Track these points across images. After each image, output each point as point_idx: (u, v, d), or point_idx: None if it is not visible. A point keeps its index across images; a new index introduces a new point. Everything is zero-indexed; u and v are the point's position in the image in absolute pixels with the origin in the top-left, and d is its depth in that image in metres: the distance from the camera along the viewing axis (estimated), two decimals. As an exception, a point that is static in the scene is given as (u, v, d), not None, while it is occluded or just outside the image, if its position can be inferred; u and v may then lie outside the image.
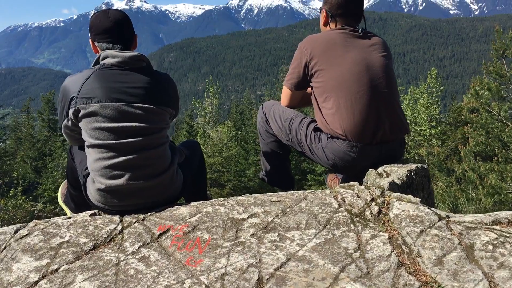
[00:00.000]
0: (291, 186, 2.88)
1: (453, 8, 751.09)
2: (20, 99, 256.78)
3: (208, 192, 2.82)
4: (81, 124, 2.06)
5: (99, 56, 2.13)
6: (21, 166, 29.07)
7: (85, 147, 2.10)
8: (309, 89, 2.60)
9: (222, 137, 27.35)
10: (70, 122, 2.11)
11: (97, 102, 2.00)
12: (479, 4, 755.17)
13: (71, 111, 2.05)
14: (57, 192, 2.80)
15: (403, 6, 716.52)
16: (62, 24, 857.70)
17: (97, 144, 2.01)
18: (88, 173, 2.10)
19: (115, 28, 2.17)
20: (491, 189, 7.09)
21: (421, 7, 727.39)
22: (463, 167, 8.09)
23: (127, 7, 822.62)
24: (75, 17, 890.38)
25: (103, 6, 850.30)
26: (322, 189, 2.16)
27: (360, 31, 2.48)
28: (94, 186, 2.04)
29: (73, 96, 2.04)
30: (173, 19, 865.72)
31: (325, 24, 2.62)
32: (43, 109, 38.36)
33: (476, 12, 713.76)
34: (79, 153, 2.27)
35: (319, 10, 2.67)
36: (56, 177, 23.53)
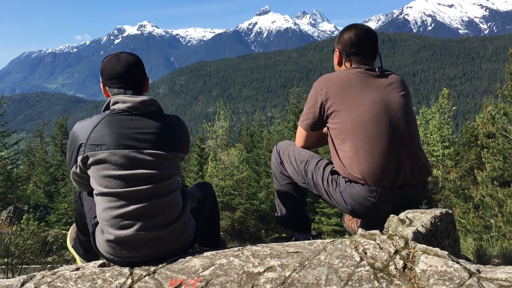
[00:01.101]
0: (308, 229, 2.77)
1: (462, 28, 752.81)
2: (33, 124, 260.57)
3: (221, 234, 2.72)
4: (89, 172, 2.00)
5: (109, 101, 2.09)
6: (34, 191, 29.27)
7: (94, 195, 2.03)
8: (324, 129, 2.52)
9: (233, 160, 27.26)
10: (78, 169, 2.05)
11: (106, 149, 1.94)
12: (489, 24, 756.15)
13: (79, 158, 2.00)
14: (67, 233, 2.72)
15: (412, 27, 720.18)
16: (75, 49, 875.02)
17: (106, 192, 1.94)
18: (97, 222, 2.03)
19: (127, 73, 2.13)
20: (511, 217, 6.89)
21: (430, 28, 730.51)
22: (480, 193, 7.90)
23: (138, 32, 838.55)
24: (88, 42, 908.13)
25: (115, 31, 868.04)
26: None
27: (377, 69, 2.41)
28: (103, 237, 1.96)
29: (82, 143, 1.98)
30: (184, 43, 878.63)
31: (339, 64, 2.55)
32: (56, 134, 38.81)
33: (486, 32, 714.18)
34: (88, 199, 2.20)
35: (332, 49, 2.61)
36: (68, 202, 23.61)
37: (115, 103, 2.06)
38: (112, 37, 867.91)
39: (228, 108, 29.88)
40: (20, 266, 10.80)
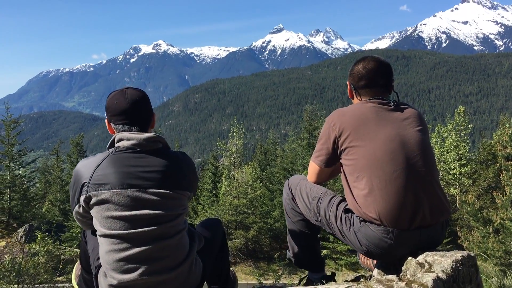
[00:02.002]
0: (321, 268, 2.65)
1: (478, 44, 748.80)
2: (50, 141, 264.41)
3: (231, 271, 2.62)
4: (92, 212, 1.93)
5: (114, 139, 2.03)
6: (50, 209, 29.48)
7: (97, 235, 1.95)
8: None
9: (247, 178, 27.14)
10: (81, 209, 1.99)
11: (109, 189, 1.87)
12: (504, 40, 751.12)
13: (82, 197, 1.93)
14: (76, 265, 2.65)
15: (426, 44, 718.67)
16: (91, 68, 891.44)
17: (109, 234, 1.87)
18: (100, 265, 1.95)
19: (132, 109, 2.07)
20: (533, 243, 6.66)
21: (444, 44, 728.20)
22: (500, 216, 7.66)
23: (154, 51, 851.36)
24: (104, 61, 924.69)
25: (131, 50, 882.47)
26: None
27: (391, 103, 2.32)
28: (106, 281, 1.88)
29: (85, 182, 1.92)
30: (198, 61, 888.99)
31: (352, 97, 2.50)
32: (72, 152, 39.20)
33: (501, 48, 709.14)
34: (92, 238, 2.13)
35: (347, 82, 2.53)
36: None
37: (119, 140, 2.00)
38: (128, 56, 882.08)
39: (241, 127, 29.92)
40: (32, 286, 10.79)
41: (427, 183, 2.16)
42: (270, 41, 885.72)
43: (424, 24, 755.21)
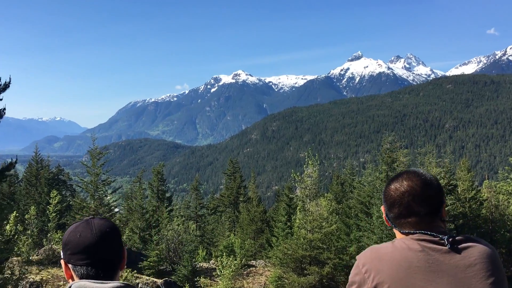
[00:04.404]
0: None
1: None
2: (136, 168, 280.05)
3: None
4: None
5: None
6: (130, 236, 30.65)
7: None
8: None
9: (321, 212, 26.40)
10: None
11: None
12: None
13: None
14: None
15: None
16: (175, 98, 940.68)
17: None
18: None
19: (100, 245, 1.69)
20: None
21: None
22: None
23: (233, 80, 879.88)
24: (186, 91, 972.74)
25: (212, 80, 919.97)
26: None
27: (446, 241, 1.74)
28: None
29: None
30: (276, 90, 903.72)
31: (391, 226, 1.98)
32: (153, 180, 40.96)
33: None
34: None
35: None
36: (160, 250, 24.26)
37: None
38: (208, 86, 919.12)
39: (316, 158, 29.40)
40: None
41: None
42: (348, 69, 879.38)
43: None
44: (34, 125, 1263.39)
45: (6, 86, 12.50)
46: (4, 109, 12.86)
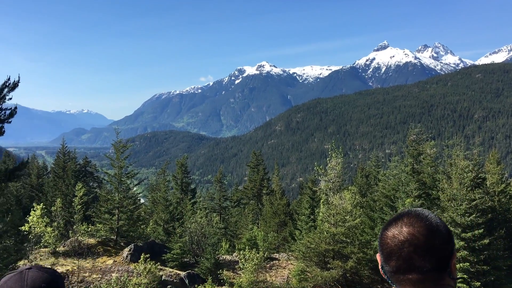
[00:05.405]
0: None
1: None
2: (161, 160, 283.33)
3: None
4: None
5: None
6: (155, 228, 30.96)
7: None
8: None
9: (345, 205, 26.05)
10: None
11: None
12: None
13: None
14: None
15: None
16: (199, 90, 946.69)
17: None
18: None
19: None
20: None
21: None
22: None
23: (257, 72, 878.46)
24: (211, 83, 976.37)
25: (236, 72, 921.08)
26: None
27: None
28: None
29: None
30: (300, 81, 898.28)
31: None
32: (177, 172, 41.24)
33: None
34: None
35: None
36: (183, 242, 24.39)
37: None
38: (233, 78, 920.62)
39: (340, 150, 28.98)
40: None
41: None
42: (374, 59, 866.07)
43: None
44: (63, 117, 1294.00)
45: (15, 85, 12.68)
46: (16, 107, 13.04)
